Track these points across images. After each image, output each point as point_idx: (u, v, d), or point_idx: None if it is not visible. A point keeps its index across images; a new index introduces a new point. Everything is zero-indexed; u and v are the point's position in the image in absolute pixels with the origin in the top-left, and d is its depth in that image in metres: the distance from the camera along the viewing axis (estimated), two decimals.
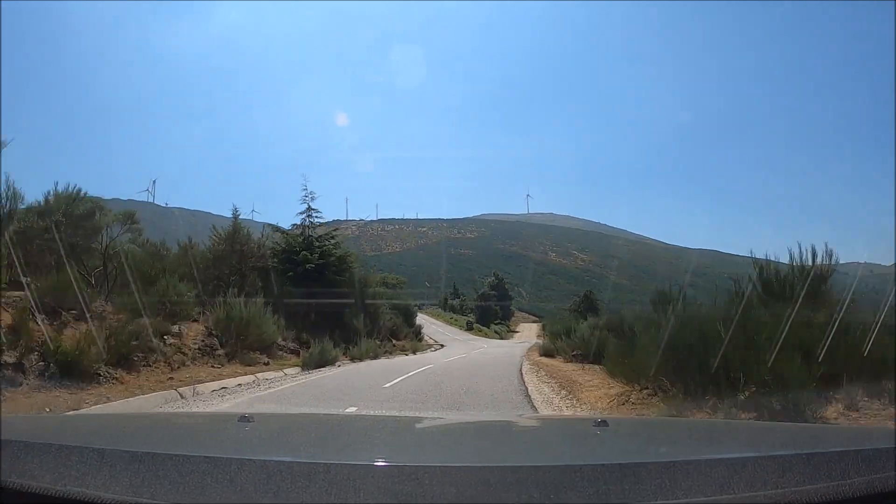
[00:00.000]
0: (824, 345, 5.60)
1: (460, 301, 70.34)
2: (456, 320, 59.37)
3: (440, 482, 0.98)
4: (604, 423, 1.74)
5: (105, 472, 1.05)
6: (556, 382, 10.75)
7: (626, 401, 7.54)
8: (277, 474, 1.00)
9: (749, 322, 6.29)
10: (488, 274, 79.97)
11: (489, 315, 64.41)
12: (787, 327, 5.69)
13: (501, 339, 53.24)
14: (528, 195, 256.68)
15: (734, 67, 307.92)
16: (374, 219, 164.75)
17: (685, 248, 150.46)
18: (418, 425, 2.36)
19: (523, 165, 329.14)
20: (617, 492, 0.97)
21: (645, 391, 7.47)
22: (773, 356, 5.67)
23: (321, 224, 22.92)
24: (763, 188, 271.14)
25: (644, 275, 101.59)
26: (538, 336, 57.05)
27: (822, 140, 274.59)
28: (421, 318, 50.16)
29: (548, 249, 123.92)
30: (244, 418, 1.74)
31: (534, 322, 67.19)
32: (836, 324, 5.71)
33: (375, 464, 1.11)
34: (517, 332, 63.12)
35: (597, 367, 11.01)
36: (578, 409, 7.73)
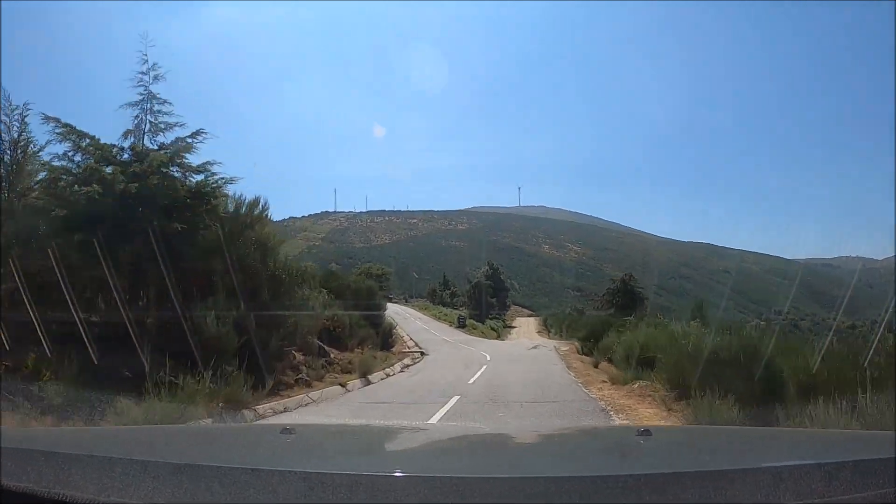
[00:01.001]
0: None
1: (451, 293, 65.03)
2: (446, 315, 50.34)
3: (482, 493, 0.99)
4: (647, 432, 1.73)
5: (148, 483, 1.05)
6: None
7: None
8: (319, 486, 1.00)
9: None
10: (480, 265, 75.20)
11: (483, 308, 57.69)
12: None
13: (499, 337, 45.49)
14: (519, 188, 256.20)
15: (727, 61, 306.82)
16: (364, 210, 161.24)
17: (679, 241, 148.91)
18: (459, 436, 2.37)
19: (515, 159, 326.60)
20: (661, 501, 0.98)
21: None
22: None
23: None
24: (754, 182, 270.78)
25: (640, 268, 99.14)
26: (539, 332, 49.39)
27: (813, 134, 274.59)
28: (404, 313, 43.70)
29: (541, 242, 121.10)
30: (286, 430, 1.71)
31: (529, 316, 64.10)
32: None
33: (417, 475, 1.12)
34: (514, 326, 57.02)
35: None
36: None
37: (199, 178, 9.69)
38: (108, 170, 8.63)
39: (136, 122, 9.49)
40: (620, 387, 10.80)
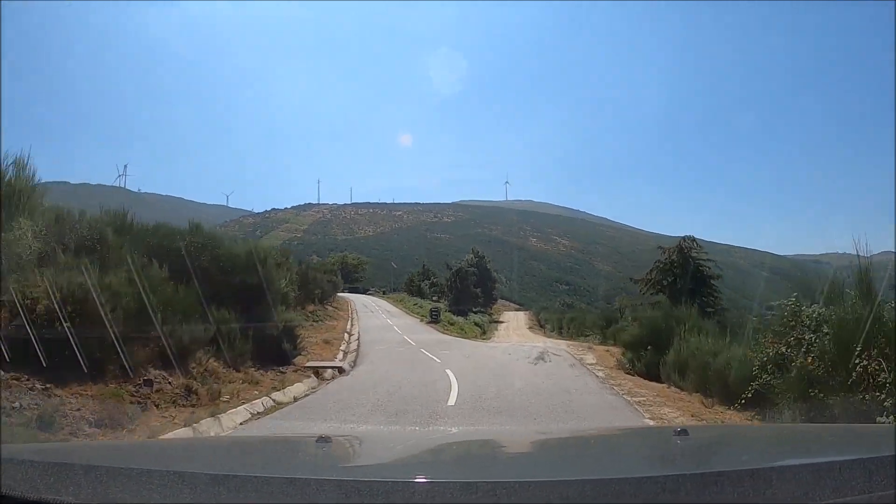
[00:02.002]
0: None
1: (430, 283, 58.58)
2: (421, 307, 42.50)
3: (520, 497, 0.98)
4: (684, 431, 1.70)
5: (186, 494, 1.05)
6: None
7: None
8: (356, 493, 1.00)
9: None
10: (465, 256, 70.35)
11: (466, 299, 48.71)
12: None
13: (484, 334, 35.80)
14: (507, 182, 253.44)
15: (715, 57, 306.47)
16: (349, 203, 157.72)
17: (666, 235, 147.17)
18: (495, 440, 2.40)
19: (502, 154, 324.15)
20: (700, 501, 0.97)
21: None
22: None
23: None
24: (741, 178, 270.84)
25: (629, 262, 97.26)
26: (531, 328, 43.87)
27: (798, 130, 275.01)
28: (374, 305, 40.17)
29: (528, 235, 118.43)
30: (322, 439, 1.70)
31: (517, 310, 60.96)
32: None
33: (454, 481, 1.10)
34: (502, 321, 49.54)
35: None
36: None
37: None
38: None
39: None
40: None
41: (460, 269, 52.36)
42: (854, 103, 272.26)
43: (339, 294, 38.09)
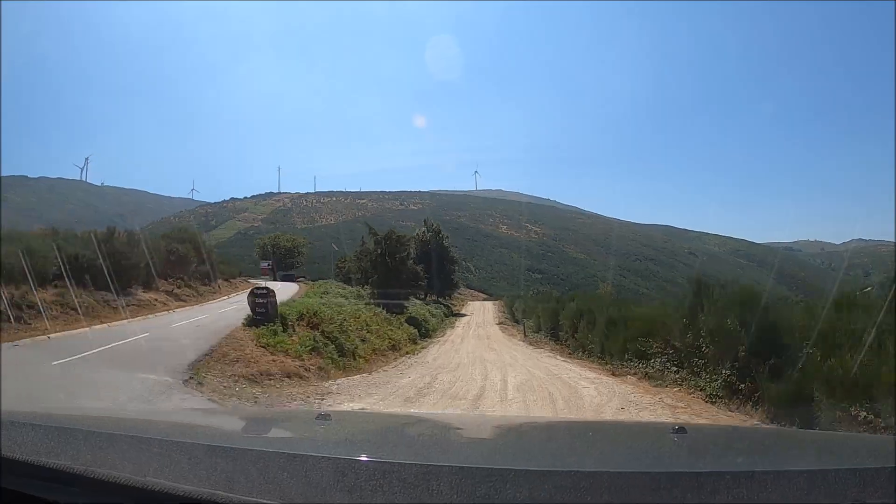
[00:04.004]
0: None
1: (359, 267, 46.10)
2: (345, 296, 29.73)
3: (513, 485, 0.97)
4: (682, 429, 1.69)
5: (184, 463, 1.07)
6: None
7: None
8: (352, 472, 1.00)
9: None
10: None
11: (400, 281, 32.07)
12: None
13: (417, 343, 21.90)
14: (475, 171, 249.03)
15: (687, 43, 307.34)
16: (311, 191, 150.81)
17: (638, 223, 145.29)
18: (492, 426, 2.38)
19: (471, 142, 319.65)
20: (694, 500, 0.96)
21: None
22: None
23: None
24: (713, 165, 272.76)
25: (602, 249, 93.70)
26: (500, 323, 32.48)
27: (777, 117, 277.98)
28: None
29: (498, 222, 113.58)
30: (322, 416, 1.75)
31: (485, 300, 55.58)
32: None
33: (448, 465, 1.09)
34: (464, 315, 40.43)
35: None
36: None
37: None
38: None
39: None
40: None
41: (389, 236, 33.48)
42: (825, 92, 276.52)
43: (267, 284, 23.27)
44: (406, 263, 33.52)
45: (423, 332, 25.13)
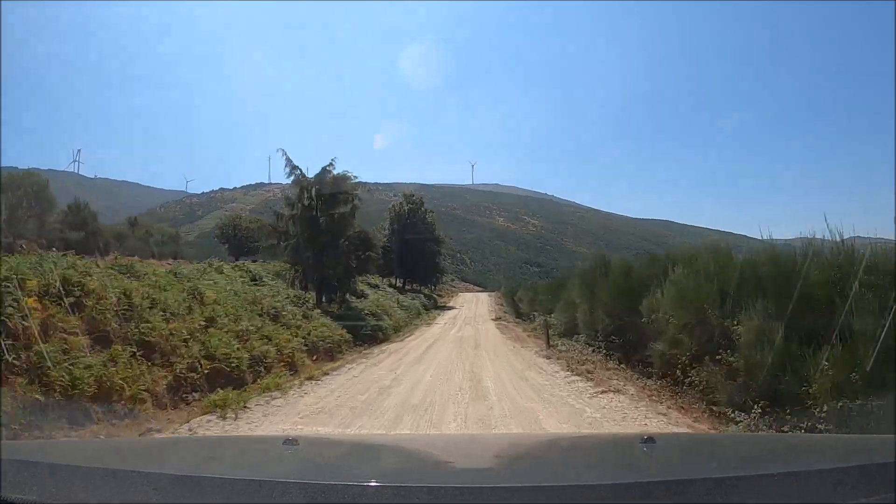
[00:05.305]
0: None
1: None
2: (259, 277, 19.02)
3: (482, 503, 0.97)
4: (651, 439, 1.68)
5: (150, 494, 1.05)
6: None
7: None
8: (321, 496, 0.99)
9: None
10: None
11: (331, 255, 18.93)
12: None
13: (378, 341, 16.32)
14: (472, 165, 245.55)
15: (685, 35, 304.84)
16: None
17: (637, 218, 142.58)
18: (462, 445, 2.32)
19: (468, 135, 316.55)
20: None
21: None
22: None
23: None
24: (713, 161, 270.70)
25: (602, 243, 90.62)
26: (498, 318, 25.12)
27: (776, 112, 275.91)
28: None
29: (495, 214, 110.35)
30: (289, 441, 1.68)
31: (480, 291, 52.17)
32: None
33: (419, 485, 1.09)
34: (453, 307, 33.99)
35: None
36: None
37: None
38: None
39: None
40: None
41: (322, 177, 19.24)
42: (824, 88, 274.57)
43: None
44: (352, 224, 19.92)
45: (369, 334, 16.18)
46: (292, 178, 19.35)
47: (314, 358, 11.55)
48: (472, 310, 31.43)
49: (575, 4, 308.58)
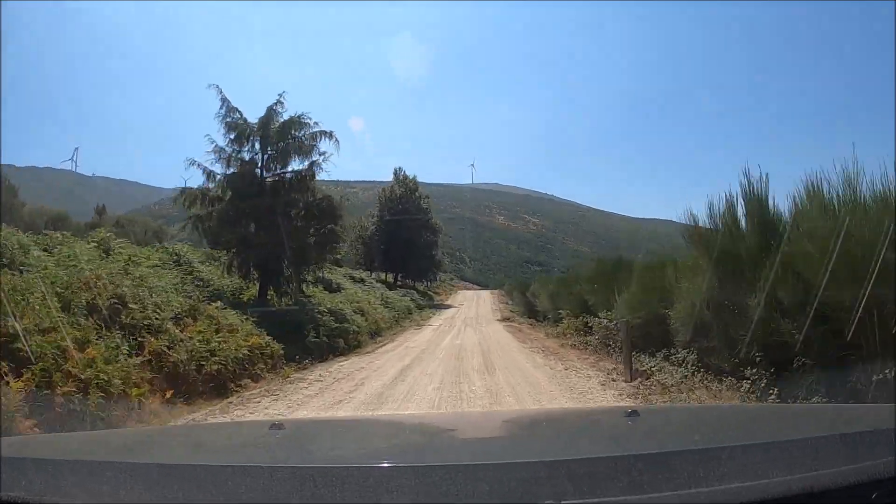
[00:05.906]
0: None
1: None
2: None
3: (471, 480, 0.97)
4: (635, 412, 1.69)
5: (139, 486, 1.05)
6: None
7: None
8: (310, 480, 0.99)
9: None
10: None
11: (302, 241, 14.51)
12: None
13: (338, 352, 12.52)
14: (472, 164, 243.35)
15: (679, 38, 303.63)
16: None
17: (639, 217, 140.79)
18: (451, 423, 2.33)
19: (467, 135, 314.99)
20: (650, 481, 0.97)
21: None
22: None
23: None
24: (713, 160, 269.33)
25: (603, 242, 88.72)
26: (505, 319, 22.08)
27: (777, 110, 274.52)
28: None
29: (495, 213, 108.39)
30: (275, 426, 1.68)
31: (479, 289, 50.06)
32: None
33: (407, 465, 1.11)
34: (451, 306, 30.38)
35: None
36: None
37: None
38: None
39: None
40: None
41: (266, 122, 14.47)
42: (824, 84, 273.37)
43: None
44: (310, 188, 15.12)
45: (317, 343, 12.11)
46: (227, 121, 14.25)
47: (167, 394, 6.67)
48: (474, 309, 28.24)
49: (577, 3, 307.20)
